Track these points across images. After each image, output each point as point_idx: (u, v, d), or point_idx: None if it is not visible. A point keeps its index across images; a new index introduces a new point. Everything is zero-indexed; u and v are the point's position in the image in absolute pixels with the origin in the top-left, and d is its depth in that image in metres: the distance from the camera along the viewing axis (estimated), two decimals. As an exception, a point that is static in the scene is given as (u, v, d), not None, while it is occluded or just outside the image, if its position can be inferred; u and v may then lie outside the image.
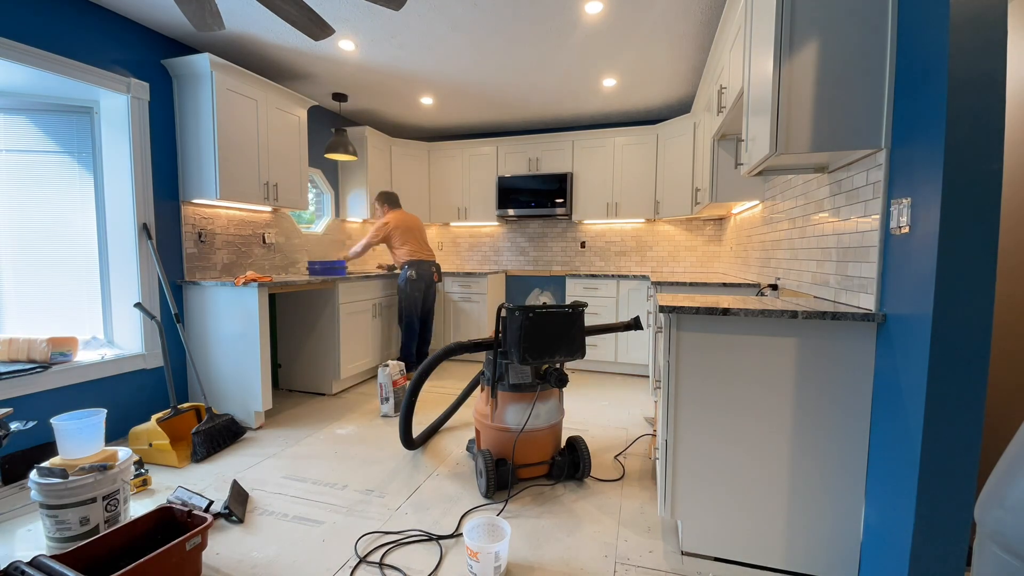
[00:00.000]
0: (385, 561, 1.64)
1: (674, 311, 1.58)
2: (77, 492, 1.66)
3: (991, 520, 0.83)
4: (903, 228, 1.30)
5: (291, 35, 2.83)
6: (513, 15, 2.57)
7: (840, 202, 1.72)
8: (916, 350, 1.22)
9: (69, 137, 2.62)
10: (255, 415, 2.84)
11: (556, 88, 3.68)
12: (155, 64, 2.77)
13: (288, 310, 3.58)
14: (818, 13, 1.42)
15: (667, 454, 1.68)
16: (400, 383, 3.17)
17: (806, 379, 1.53)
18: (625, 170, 4.31)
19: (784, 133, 1.46)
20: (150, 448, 2.36)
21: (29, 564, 1.26)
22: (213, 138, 2.79)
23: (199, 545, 1.51)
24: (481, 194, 4.74)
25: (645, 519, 1.91)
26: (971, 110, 1.11)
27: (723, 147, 2.91)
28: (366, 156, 4.29)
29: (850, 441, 1.50)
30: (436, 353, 2.31)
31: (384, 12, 2.55)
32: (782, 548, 1.60)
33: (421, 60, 3.16)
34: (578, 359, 2.52)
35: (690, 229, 4.49)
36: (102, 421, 1.83)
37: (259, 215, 3.48)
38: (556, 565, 1.63)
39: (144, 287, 2.71)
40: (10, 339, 2.31)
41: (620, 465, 2.38)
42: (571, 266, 4.87)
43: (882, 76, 1.38)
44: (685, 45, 2.93)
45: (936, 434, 1.17)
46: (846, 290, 1.65)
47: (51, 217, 2.59)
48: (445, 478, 2.24)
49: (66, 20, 2.35)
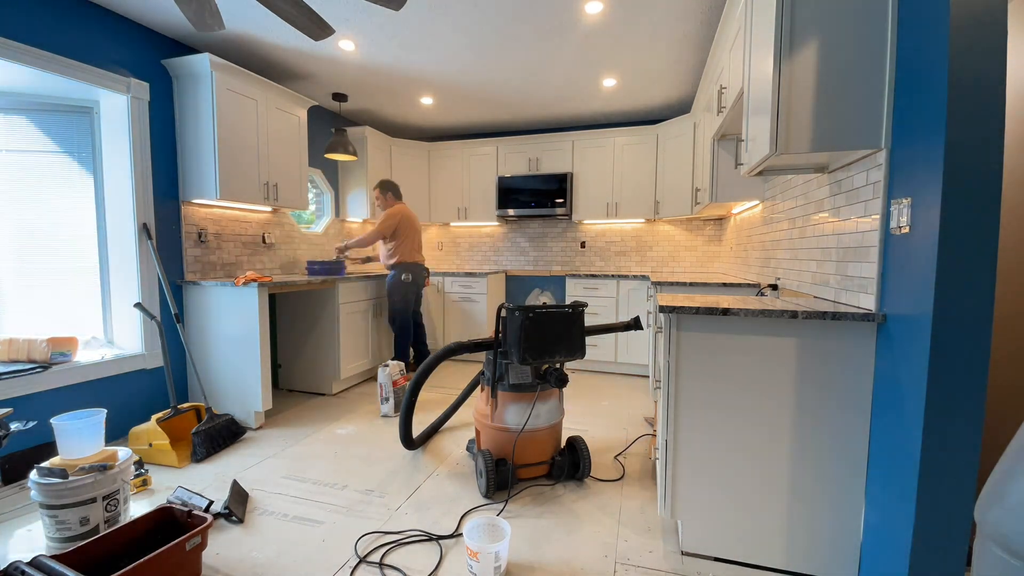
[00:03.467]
0: (385, 561, 1.64)
1: (674, 311, 1.58)
2: (77, 492, 1.66)
3: (991, 520, 0.83)
4: (903, 228, 1.30)
5: (291, 35, 2.83)
6: (513, 15, 2.57)
7: (840, 202, 1.72)
8: (916, 350, 1.22)
9: (69, 137, 2.62)
10: (255, 415, 2.84)
11: (556, 88, 3.68)
12: (155, 64, 2.77)
13: (288, 310, 3.58)
14: (818, 13, 1.42)
15: (667, 454, 1.68)
16: (400, 383, 3.17)
17: (806, 379, 1.53)
18: (625, 170, 4.31)
19: (784, 133, 1.46)
20: (150, 448, 2.36)
21: (29, 564, 1.27)
22: (213, 138, 2.79)
23: (199, 545, 1.52)
24: (481, 194, 4.74)
25: (645, 519, 1.91)
26: (971, 110, 1.11)
27: (723, 147, 2.91)
28: (366, 156, 4.29)
29: (850, 441, 1.50)
30: (436, 353, 2.31)
31: (384, 12, 2.55)
32: (782, 548, 1.60)
33: (421, 60, 3.16)
34: (578, 359, 2.52)
35: (690, 229, 4.49)
36: (102, 421, 1.83)
37: (259, 215, 3.48)
38: (556, 565, 1.63)
39: (144, 287, 2.71)
40: (10, 339, 2.31)
41: (620, 465, 2.38)
42: (571, 266, 4.87)
43: (882, 76, 1.38)
44: (685, 45, 2.94)
45: (936, 434, 1.17)
46: (846, 290, 1.65)
47: (51, 217, 2.59)
48: (445, 478, 2.24)
49: (66, 20, 2.35)
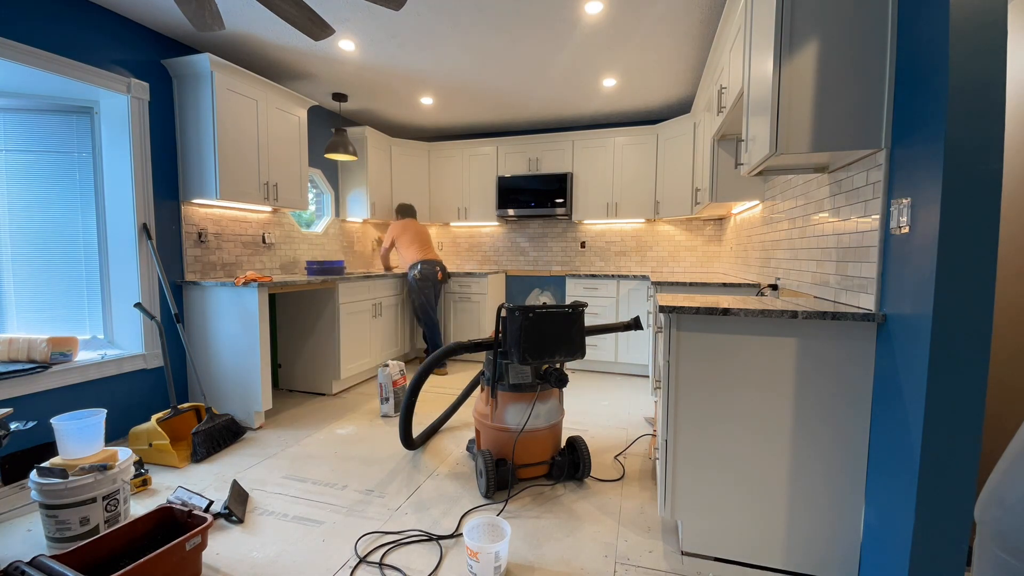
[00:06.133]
0: (385, 561, 1.64)
1: (674, 311, 1.58)
2: (77, 492, 1.66)
3: (991, 520, 0.83)
4: (903, 228, 1.30)
5: (291, 35, 2.83)
6: (513, 15, 2.57)
7: (840, 202, 1.72)
8: (916, 350, 1.22)
9: (69, 137, 2.62)
10: (255, 415, 2.84)
11: (556, 88, 3.68)
12: (155, 64, 2.77)
13: (288, 310, 3.58)
14: (818, 13, 1.42)
15: (667, 454, 1.68)
16: (400, 383, 3.17)
17: (806, 379, 1.53)
18: (625, 170, 4.31)
19: (784, 133, 1.46)
20: (150, 448, 2.36)
21: (29, 564, 1.27)
22: (213, 138, 2.79)
23: (199, 545, 1.52)
24: (481, 194, 4.74)
25: (645, 519, 1.91)
26: (971, 110, 1.11)
27: (723, 147, 2.91)
28: (366, 156, 4.29)
29: (850, 441, 1.50)
30: (436, 353, 2.31)
31: (384, 12, 2.55)
32: (782, 548, 1.60)
33: (421, 60, 3.16)
34: (578, 359, 2.52)
35: (690, 229, 4.49)
36: (102, 421, 1.83)
37: (259, 215, 3.48)
38: (556, 565, 1.63)
39: (144, 287, 2.71)
40: (10, 339, 2.31)
41: (620, 465, 2.38)
42: (571, 266, 4.87)
43: (882, 76, 1.38)
44: (685, 45, 2.94)
45: (936, 434, 1.17)
46: (846, 290, 1.65)
47: (51, 217, 2.59)
48: (445, 478, 2.24)
49: (66, 20, 2.35)
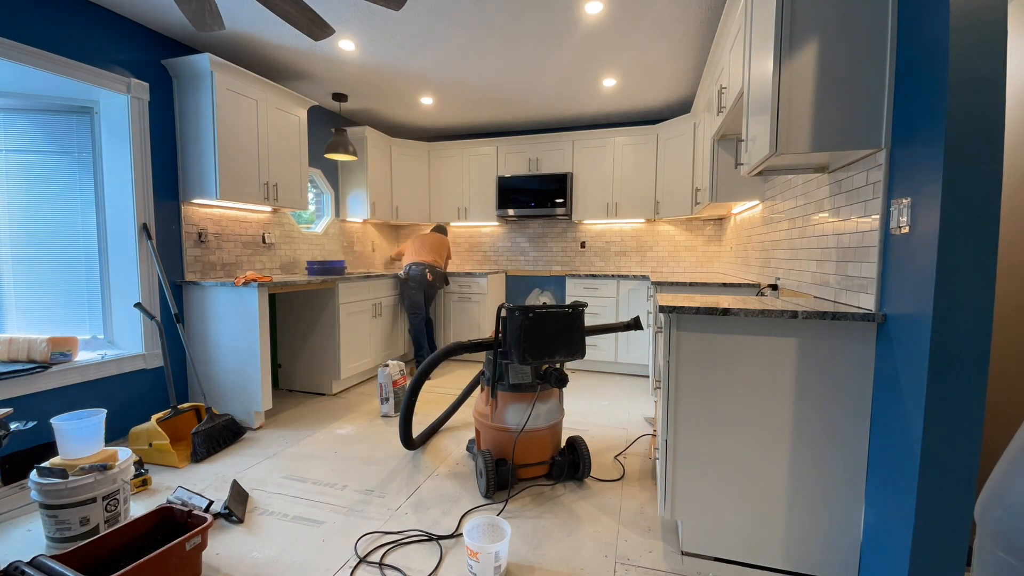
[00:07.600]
0: (385, 561, 1.64)
1: (674, 311, 1.58)
2: (77, 492, 1.66)
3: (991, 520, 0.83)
4: (903, 228, 1.30)
5: (291, 35, 2.83)
6: (513, 15, 2.57)
7: (840, 202, 1.72)
8: (916, 350, 1.22)
9: (69, 137, 2.62)
10: (255, 415, 2.84)
11: (556, 88, 3.68)
12: (155, 64, 2.77)
13: (288, 310, 3.58)
14: (818, 13, 1.42)
15: (667, 454, 1.68)
16: (400, 383, 3.17)
17: (806, 379, 1.53)
18: (625, 170, 4.31)
19: (784, 133, 1.46)
20: (150, 448, 2.36)
21: (29, 564, 1.27)
22: (213, 138, 2.79)
23: (199, 545, 1.52)
24: (481, 194, 4.74)
25: (645, 519, 1.91)
26: (971, 110, 1.11)
27: (723, 147, 2.91)
28: (366, 156, 4.29)
29: (850, 441, 1.50)
30: (436, 353, 2.31)
31: (384, 12, 2.55)
32: (782, 548, 1.60)
33: (421, 60, 3.16)
34: (578, 359, 2.52)
35: (690, 229, 4.49)
36: (102, 421, 1.83)
37: (259, 215, 3.48)
38: (556, 565, 1.63)
39: (144, 287, 2.71)
40: (10, 339, 2.31)
41: (620, 465, 2.38)
42: (571, 266, 4.87)
43: (882, 76, 1.38)
44: (685, 45, 2.93)
45: (936, 434, 1.17)
46: (846, 290, 1.65)
47: (51, 217, 2.59)
48: (445, 478, 2.24)
49: (66, 20, 2.35)
